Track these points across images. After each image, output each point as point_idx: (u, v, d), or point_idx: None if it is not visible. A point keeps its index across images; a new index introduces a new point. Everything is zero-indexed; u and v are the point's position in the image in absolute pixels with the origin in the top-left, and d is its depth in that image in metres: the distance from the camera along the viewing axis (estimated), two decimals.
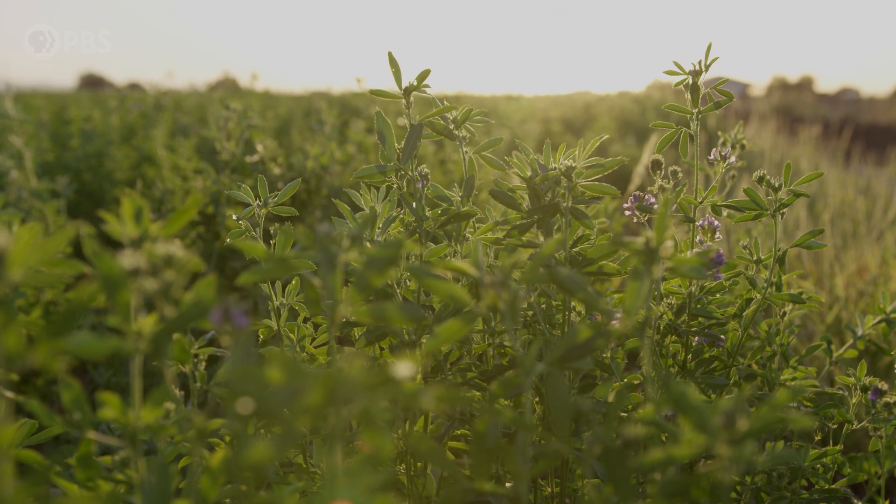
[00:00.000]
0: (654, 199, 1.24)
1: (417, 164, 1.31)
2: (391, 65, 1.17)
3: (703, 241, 1.31)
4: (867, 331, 1.76)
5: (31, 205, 3.25)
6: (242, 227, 1.31)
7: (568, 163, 1.12)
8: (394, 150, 1.16)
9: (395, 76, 1.18)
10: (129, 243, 0.72)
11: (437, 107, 1.34)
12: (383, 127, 1.15)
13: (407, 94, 1.18)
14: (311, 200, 3.03)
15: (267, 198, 1.32)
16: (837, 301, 3.38)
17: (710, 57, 1.36)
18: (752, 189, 1.30)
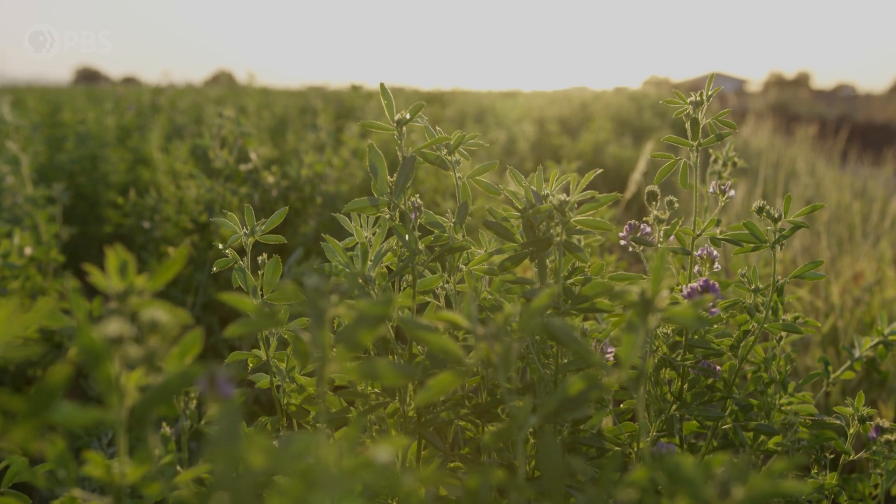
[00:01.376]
0: (649, 228, 1.23)
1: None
2: (383, 96, 1.16)
3: (700, 272, 1.30)
4: (864, 352, 1.75)
5: (25, 211, 3.23)
6: (230, 255, 1.30)
7: (562, 197, 1.10)
8: (386, 182, 1.15)
9: (388, 108, 1.17)
10: (114, 297, 0.71)
11: (431, 134, 1.32)
12: (375, 160, 1.14)
13: (399, 126, 1.17)
14: (305, 209, 3.02)
15: (254, 226, 1.30)
16: (833, 310, 3.38)
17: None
18: (751, 223, 1.29)
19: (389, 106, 1.17)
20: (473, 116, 9.59)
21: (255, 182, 2.97)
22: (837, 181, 7.18)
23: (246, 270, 1.28)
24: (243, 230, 1.30)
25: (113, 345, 0.60)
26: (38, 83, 29.07)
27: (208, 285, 2.86)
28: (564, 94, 26.88)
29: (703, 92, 1.33)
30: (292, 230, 3.05)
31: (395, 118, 1.17)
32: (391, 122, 1.17)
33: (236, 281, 1.28)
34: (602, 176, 6.90)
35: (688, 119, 1.32)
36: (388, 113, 1.17)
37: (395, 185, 1.13)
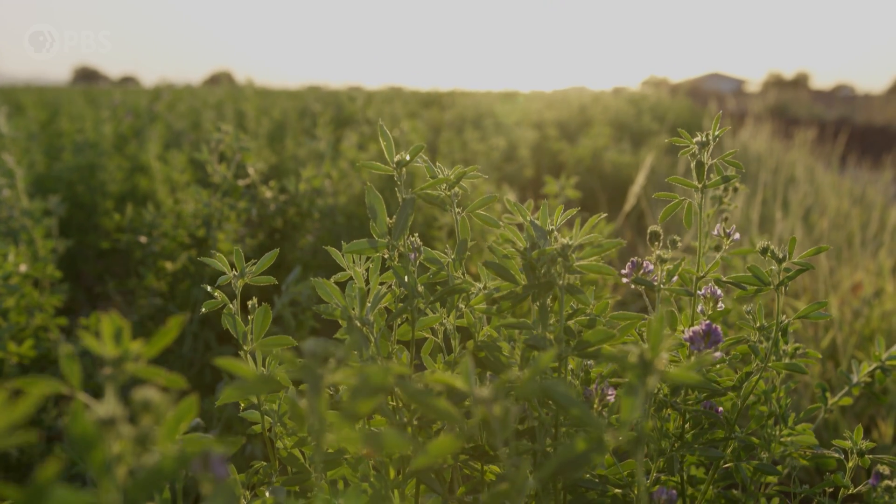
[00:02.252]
0: (652, 266, 1.22)
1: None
2: (382, 138, 1.15)
3: (704, 311, 1.29)
4: (862, 378, 1.75)
5: (21, 224, 3.22)
6: (218, 298, 1.28)
7: (565, 241, 1.09)
8: (385, 224, 1.13)
9: (387, 150, 1.16)
10: (109, 363, 0.70)
11: (432, 171, 1.31)
12: (374, 202, 1.13)
13: (398, 168, 1.16)
14: (303, 224, 3.01)
15: (244, 268, 1.28)
16: (832, 323, 3.37)
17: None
18: (755, 267, 1.28)
19: (388, 148, 1.16)
20: (472, 121, 9.58)
21: (252, 196, 2.96)
22: (836, 187, 7.18)
23: (236, 317, 1.26)
24: (233, 272, 1.29)
25: (105, 427, 0.59)
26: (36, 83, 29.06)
27: (206, 300, 2.85)
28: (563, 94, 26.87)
29: (710, 133, 1.32)
30: (290, 244, 3.04)
31: (394, 159, 1.16)
32: (391, 162, 1.16)
33: (226, 323, 1.27)
34: (601, 182, 6.90)
35: (693, 159, 1.31)
36: (387, 154, 1.16)
37: (394, 228, 1.12)
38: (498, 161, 6.44)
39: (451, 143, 6.20)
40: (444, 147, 6.19)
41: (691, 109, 12.10)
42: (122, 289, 3.02)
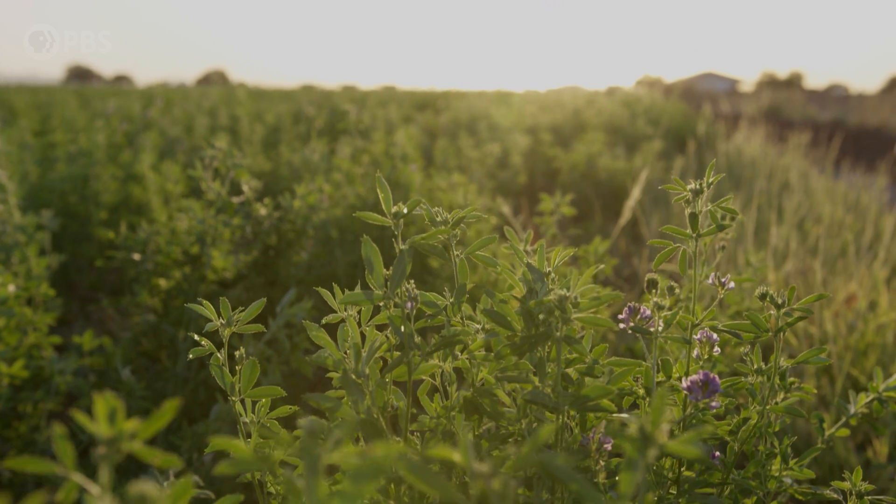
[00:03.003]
0: (648, 311, 1.21)
1: (405, 197, 1.26)
2: (380, 189, 1.14)
3: (700, 357, 1.28)
4: (859, 409, 1.74)
5: (14, 239, 3.20)
6: (205, 346, 1.27)
7: (562, 293, 1.09)
8: (381, 276, 1.12)
9: (385, 202, 1.15)
10: (104, 443, 0.69)
11: (429, 214, 1.31)
12: (370, 253, 1.12)
13: (395, 219, 1.15)
14: (297, 240, 3.00)
15: (231, 317, 1.27)
16: (827, 338, 3.37)
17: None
18: (754, 314, 1.28)
19: (386, 200, 1.15)
20: (466, 125, 9.57)
21: (247, 213, 2.95)
22: (831, 193, 7.19)
23: (224, 367, 1.25)
24: (220, 321, 1.27)
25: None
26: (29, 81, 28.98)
27: (199, 318, 2.84)
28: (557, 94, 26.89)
29: (703, 182, 1.32)
30: (285, 261, 3.03)
31: (392, 211, 1.15)
32: (389, 214, 1.15)
33: (213, 372, 1.26)
34: (595, 188, 6.90)
35: (687, 205, 1.30)
36: (385, 206, 1.15)
37: (391, 281, 1.11)
38: (492, 168, 6.43)
39: (445, 151, 6.19)
40: (438, 155, 6.19)
41: (685, 113, 12.11)
42: (116, 306, 3.01)
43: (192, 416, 2.89)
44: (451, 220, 1.35)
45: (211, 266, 2.91)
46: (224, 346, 1.29)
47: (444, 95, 21.70)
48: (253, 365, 1.24)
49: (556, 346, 1.10)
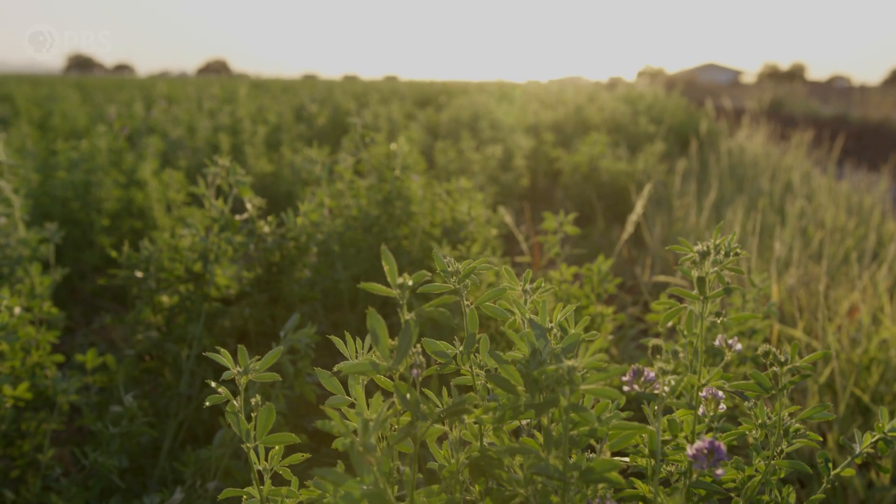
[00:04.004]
0: (653, 374, 1.21)
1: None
2: (385, 261, 1.14)
3: (707, 414, 1.28)
4: (865, 448, 1.74)
5: (19, 253, 3.21)
6: (222, 393, 1.27)
7: (570, 364, 1.08)
8: (386, 348, 1.12)
9: (390, 274, 1.14)
10: None
11: (439, 260, 1.30)
12: (376, 325, 1.11)
13: (402, 291, 1.14)
14: (300, 257, 2.99)
15: (248, 365, 1.27)
16: (830, 352, 3.35)
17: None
18: (757, 373, 1.27)
19: (392, 272, 1.14)
20: (468, 124, 9.56)
21: (250, 231, 2.95)
22: (833, 195, 7.17)
23: (239, 414, 1.25)
24: (237, 368, 1.27)
25: None
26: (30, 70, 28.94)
27: (202, 336, 2.84)
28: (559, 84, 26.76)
29: (710, 244, 1.31)
30: (287, 278, 3.03)
31: (397, 283, 1.14)
32: (394, 286, 1.14)
33: (230, 419, 1.26)
34: (597, 189, 6.89)
35: (693, 266, 1.30)
36: (390, 279, 1.14)
37: (397, 352, 1.10)
38: (494, 171, 6.43)
39: (447, 153, 6.18)
40: (440, 157, 6.18)
41: (688, 110, 12.08)
42: (119, 323, 3.01)
43: (195, 434, 2.90)
44: (462, 272, 1.35)
45: (214, 283, 2.90)
46: (241, 393, 1.29)
47: (446, 89, 21.68)
48: (269, 411, 1.24)
49: (562, 415, 1.10)
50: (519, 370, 1.18)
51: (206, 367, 2.86)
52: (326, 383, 1.34)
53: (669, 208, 6.47)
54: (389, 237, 3.48)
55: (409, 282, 1.11)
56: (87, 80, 36.57)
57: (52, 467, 2.53)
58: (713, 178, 7.54)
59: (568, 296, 2.86)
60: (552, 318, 1.30)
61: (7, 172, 3.43)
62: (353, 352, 1.39)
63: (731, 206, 6.43)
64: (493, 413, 1.19)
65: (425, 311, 1.13)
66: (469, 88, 23.77)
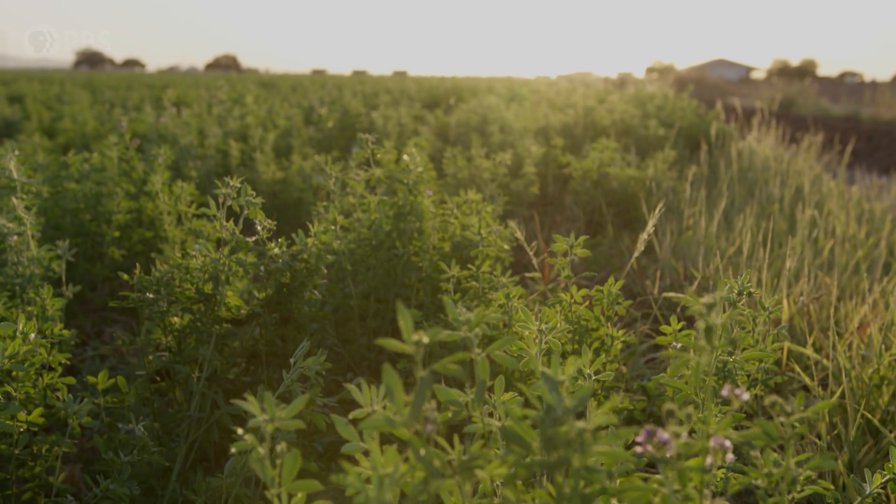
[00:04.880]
0: (667, 436, 1.21)
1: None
2: (401, 317, 1.14)
3: (712, 463, 1.28)
4: (875, 489, 1.75)
5: (31, 271, 3.22)
6: (248, 441, 1.28)
7: (582, 426, 1.08)
8: (402, 403, 1.12)
9: (405, 331, 1.14)
10: None
11: (452, 309, 1.31)
12: (392, 381, 1.12)
13: (417, 347, 1.14)
14: (311, 277, 3.00)
15: (274, 413, 1.28)
16: (840, 371, 3.34)
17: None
18: (765, 422, 1.27)
19: (407, 329, 1.14)
20: (477, 127, 9.56)
21: (261, 252, 2.95)
22: (844, 200, 7.15)
23: (265, 461, 1.26)
24: (263, 416, 1.28)
25: None
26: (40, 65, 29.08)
27: (213, 358, 2.85)
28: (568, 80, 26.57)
29: (717, 294, 1.31)
30: (298, 298, 3.04)
31: (412, 339, 1.14)
32: (410, 342, 1.14)
33: (254, 466, 1.26)
34: (607, 196, 6.88)
35: (700, 318, 1.29)
36: (405, 335, 1.14)
37: (412, 408, 1.11)
38: (504, 178, 6.43)
39: (456, 161, 6.18)
40: (449, 165, 6.18)
41: (698, 112, 12.05)
42: (130, 345, 3.02)
43: (205, 455, 2.91)
44: (473, 321, 1.35)
45: (224, 304, 2.91)
46: (266, 440, 1.29)
47: (455, 89, 21.67)
48: (294, 457, 1.25)
49: (574, 474, 1.10)
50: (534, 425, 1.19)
51: (217, 388, 2.87)
52: (342, 430, 1.35)
53: (679, 216, 6.46)
54: (400, 253, 3.49)
55: (425, 339, 1.12)
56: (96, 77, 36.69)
57: (63, 493, 2.54)
58: (723, 184, 7.53)
59: (578, 318, 2.87)
60: (564, 369, 1.31)
61: (20, 190, 3.45)
62: (368, 400, 1.40)
63: (741, 213, 6.43)
64: (505, 467, 1.20)
65: (438, 367, 1.14)
66: (478, 87, 23.78)
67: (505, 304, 2.90)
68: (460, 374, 1.16)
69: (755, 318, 2.84)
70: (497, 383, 1.53)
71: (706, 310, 1.27)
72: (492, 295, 2.99)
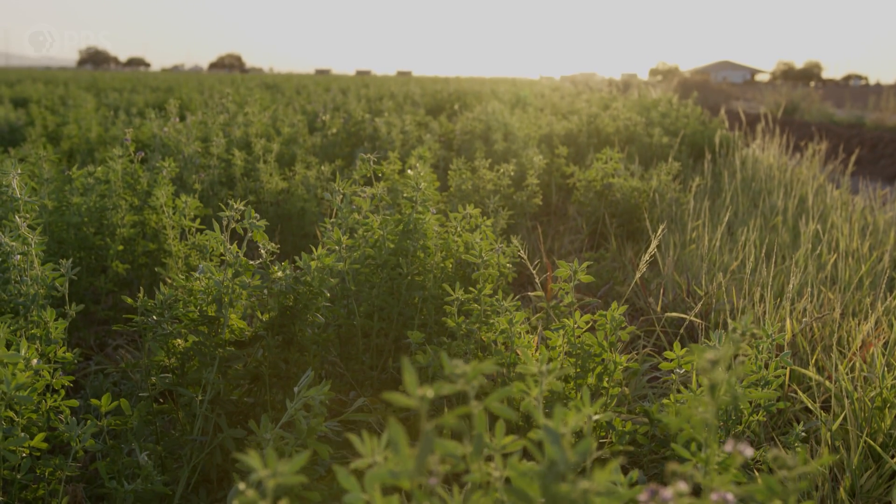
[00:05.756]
0: (669, 494, 1.21)
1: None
2: (405, 373, 1.14)
3: None
4: None
5: (35, 291, 3.23)
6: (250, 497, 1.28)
7: (586, 487, 1.09)
8: (406, 456, 1.13)
9: (410, 385, 1.14)
10: None
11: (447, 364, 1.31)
12: (396, 435, 1.12)
13: (421, 401, 1.14)
14: (314, 301, 3.01)
15: (276, 469, 1.28)
16: (844, 394, 3.33)
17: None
18: (769, 478, 1.27)
19: (412, 383, 1.15)
20: (481, 135, 9.57)
21: (264, 275, 2.96)
22: (848, 214, 7.14)
23: None
24: (265, 471, 1.28)
25: None
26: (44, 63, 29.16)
27: (216, 380, 2.86)
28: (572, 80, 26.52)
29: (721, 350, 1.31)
30: (301, 321, 3.04)
31: (417, 394, 1.14)
32: (414, 396, 1.15)
33: None
34: (610, 208, 6.88)
35: (704, 374, 1.30)
36: (409, 389, 1.15)
37: (416, 462, 1.11)
38: (507, 189, 6.43)
39: (461, 173, 6.19)
40: (454, 177, 6.19)
41: (702, 119, 12.06)
42: (133, 367, 3.03)
43: (207, 477, 2.91)
44: (469, 374, 1.35)
45: (228, 326, 2.92)
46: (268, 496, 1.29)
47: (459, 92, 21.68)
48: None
49: None
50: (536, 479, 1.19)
51: (220, 410, 2.88)
52: (343, 481, 1.34)
53: (683, 228, 6.46)
54: (404, 272, 3.49)
55: (429, 393, 1.12)
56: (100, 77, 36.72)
57: None
58: (727, 195, 7.53)
59: (582, 343, 2.87)
60: (566, 420, 1.31)
61: (23, 209, 3.46)
62: (370, 450, 1.40)
63: (744, 225, 6.42)
64: None
65: (441, 421, 1.14)
66: (483, 91, 23.79)
67: (507, 330, 2.90)
68: (464, 428, 1.16)
69: (759, 345, 2.85)
70: (498, 428, 1.53)
71: (710, 365, 1.27)
72: (494, 319, 2.99)
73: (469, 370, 1.35)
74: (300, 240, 5.99)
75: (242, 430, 2.81)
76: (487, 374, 3.16)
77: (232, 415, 2.96)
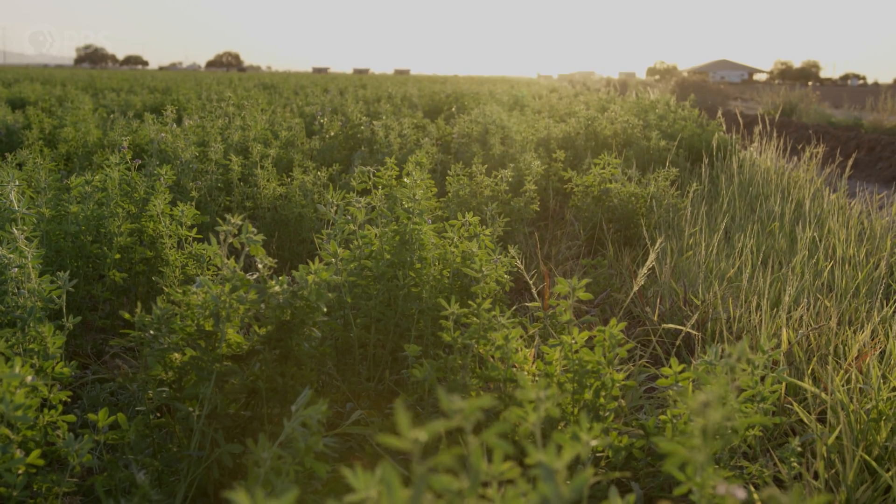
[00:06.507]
0: None
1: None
2: (398, 414, 1.15)
3: None
4: None
5: (32, 304, 3.23)
6: None
7: None
8: (399, 499, 1.13)
9: (402, 426, 1.15)
10: None
11: (445, 400, 1.31)
12: (390, 477, 1.13)
13: (415, 444, 1.15)
14: (310, 315, 3.01)
15: None
16: (837, 405, 3.34)
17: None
18: None
19: (404, 423, 1.15)
20: (478, 138, 9.57)
21: (261, 290, 2.96)
22: (845, 220, 7.15)
23: None
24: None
25: None
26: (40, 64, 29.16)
27: (213, 396, 2.86)
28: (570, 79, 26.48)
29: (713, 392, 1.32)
30: (298, 335, 3.04)
31: (410, 437, 1.15)
32: (407, 439, 1.15)
33: None
34: (607, 213, 6.89)
35: (697, 416, 1.30)
36: (404, 431, 1.15)
37: (412, 500, 1.12)
38: (505, 195, 6.44)
39: (458, 179, 6.19)
40: (451, 184, 6.20)
41: (700, 123, 12.07)
42: (131, 383, 3.03)
43: (204, 491, 2.91)
44: (466, 411, 1.36)
45: (225, 341, 2.92)
46: None
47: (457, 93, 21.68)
48: None
49: None
50: None
51: (217, 425, 2.88)
52: None
53: (680, 234, 6.47)
54: (401, 284, 3.50)
55: (423, 436, 1.13)
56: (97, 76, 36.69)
57: None
58: (724, 199, 7.54)
59: (579, 359, 2.87)
60: (562, 455, 1.31)
61: (20, 221, 3.47)
62: (363, 485, 1.40)
63: (741, 231, 6.43)
64: None
65: (433, 463, 1.15)
66: (480, 91, 23.79)
67: (504, 346, 2.91)
68: (459, 467, 1.17)
69: (754, 361, 2.85)
70: (496, 454, 1.53)
71: (703, 408, 1.27)
72: (491, 335, 3.00)
73: (466, 407, 1.35)
74: (298, 245, 5.99)
75: (240, 446, 2.82)
76: (485, 385, 3.17)
77: (229, 429, 2.96)
